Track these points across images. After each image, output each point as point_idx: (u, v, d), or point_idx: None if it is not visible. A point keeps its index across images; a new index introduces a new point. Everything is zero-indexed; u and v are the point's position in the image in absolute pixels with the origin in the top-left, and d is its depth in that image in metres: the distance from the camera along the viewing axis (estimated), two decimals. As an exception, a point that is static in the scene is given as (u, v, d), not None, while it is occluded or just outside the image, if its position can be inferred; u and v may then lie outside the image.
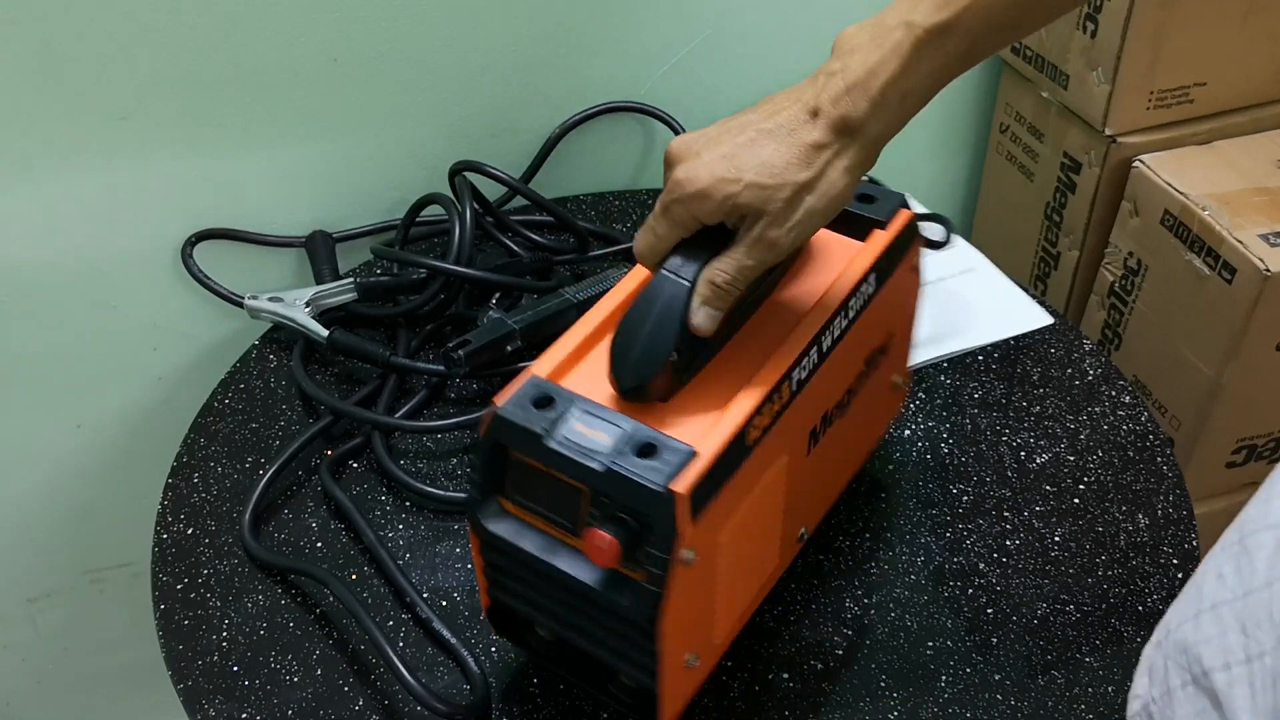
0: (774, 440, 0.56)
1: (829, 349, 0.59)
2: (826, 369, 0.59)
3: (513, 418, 0.53)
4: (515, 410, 0.53)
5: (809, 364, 0.58)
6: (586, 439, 0.52)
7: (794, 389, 0.57)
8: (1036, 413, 0.80)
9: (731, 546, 0.55)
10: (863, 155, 0.52)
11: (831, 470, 0.67)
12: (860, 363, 0.64)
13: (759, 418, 0.54)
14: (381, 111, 0.93)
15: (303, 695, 0.63)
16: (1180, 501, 0.74)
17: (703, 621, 0.56)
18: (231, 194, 0.92)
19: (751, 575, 0.61)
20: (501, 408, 0.53)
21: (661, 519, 0.50)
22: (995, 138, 1.14)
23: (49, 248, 0.89)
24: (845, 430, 0.65)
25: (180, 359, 0.98)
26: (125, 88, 0.84)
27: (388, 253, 0.89)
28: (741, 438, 0.53)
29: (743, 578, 0.59)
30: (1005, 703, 0.62)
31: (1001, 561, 0.70)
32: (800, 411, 0.58)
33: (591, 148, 1.01)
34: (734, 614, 0.60)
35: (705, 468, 0.51)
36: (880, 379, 0.68)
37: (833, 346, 0.59)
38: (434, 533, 0.73)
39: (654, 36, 0.97)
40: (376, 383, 0.82)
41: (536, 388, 0.54)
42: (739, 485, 0.54)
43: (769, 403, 0.55)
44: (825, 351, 0.59)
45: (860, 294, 0.61)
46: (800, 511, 0.64)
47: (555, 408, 0.53)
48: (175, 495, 0.76)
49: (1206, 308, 0.91)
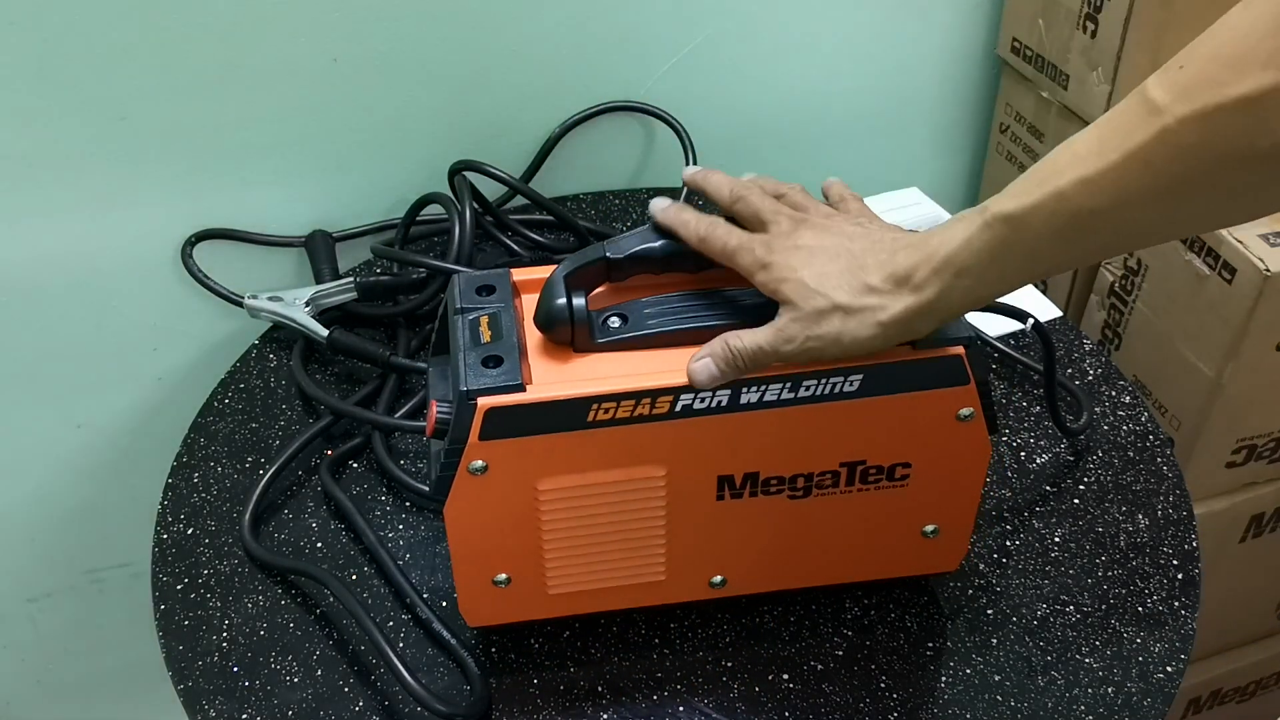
0: (636, 440, 0.57)
1: (749, 404, 0.57)
2: (744, 424, 0.58)
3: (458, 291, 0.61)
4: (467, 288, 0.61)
5: (712, 400, 0.57)
6: (481, 338, 0.58)
7: (677, 409, 0.57)
8: (1036, 413, 0.80)
9: (563, 507, 0.59)
10: (904, 316, 0.53)
11: (778, 546, 0.63)
12: (827, 459, 0.60)
13: (610, 404, 0.56)
14: (381, 111, 0.93)
15: (303, 696, 0.63)
16: (1180, 501, 0.74)
17: (516, 551, 0.60)
18: (231, 194, 0.92)
19: (608, 563, 0.62)
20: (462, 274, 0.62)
21: (460, 419, 0.55)
22: (995, 138, 1.14)
23: (49, 248, 0.89)
24: (808, 523, 0.62)
25: (180, 359, 0.98)
26: (125, 88, 0.84)
27: (388, 252, 0.89)
28: (581, 408, 0.56)
29: (592, 553, 0.61)
30: (1005, 703, 0.62)
31: (1001, 561, 0.70)
32: (691, 440, 0.58)
33: (591, 148, 1.01)
34: (575, 579, 0.62)
35: (518, 403, 0.55)
36: (890, 510, 0.62)
37: (758, 406, 0.57)
38: (434, 533, 0.73)
39: (654, 36, 0.97)
40: (376, 383, 0.82)
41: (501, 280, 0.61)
42: (572, 451, 0.57)
43: (632, 400, 0.56)
44: (740, 403, 0.57)
45: (827, 382, 0.57)
46: (715, 557, 0.63)
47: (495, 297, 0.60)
48: (175, 495, 0.76)
49: (1206, 308, 0.91)
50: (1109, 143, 0.46)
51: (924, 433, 0.60)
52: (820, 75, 1.05)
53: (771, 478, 0.60)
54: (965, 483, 0.63)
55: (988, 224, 0.50)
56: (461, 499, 0.58)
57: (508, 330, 0.58)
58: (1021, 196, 0.49)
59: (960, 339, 0.58)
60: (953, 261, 0.51)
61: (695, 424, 0.57)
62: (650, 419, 0.57)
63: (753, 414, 0.58)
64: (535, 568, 0.61)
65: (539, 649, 0.65)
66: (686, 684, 0.64)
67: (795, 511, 0.62)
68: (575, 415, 0.56)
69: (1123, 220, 0.46)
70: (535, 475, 0.58)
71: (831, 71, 1.04)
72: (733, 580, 0.64)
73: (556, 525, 0.60)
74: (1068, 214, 0.47)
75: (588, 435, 0.57)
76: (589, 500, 0.59)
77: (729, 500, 0.61)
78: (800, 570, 0.66)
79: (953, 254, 0.51)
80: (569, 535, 0.60)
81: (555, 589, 0.62)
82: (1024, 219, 0.48)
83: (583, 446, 0.57)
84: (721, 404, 0.57)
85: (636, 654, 0.65)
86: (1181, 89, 0.43)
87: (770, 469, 0.60)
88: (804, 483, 0.61)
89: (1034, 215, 0.48)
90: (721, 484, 0.60)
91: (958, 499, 0.63)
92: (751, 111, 1.04)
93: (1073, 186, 0.46)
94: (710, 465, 0.60)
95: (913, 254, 0.53)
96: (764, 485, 0.60)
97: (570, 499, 0.59)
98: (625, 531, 0.61)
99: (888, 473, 0.61)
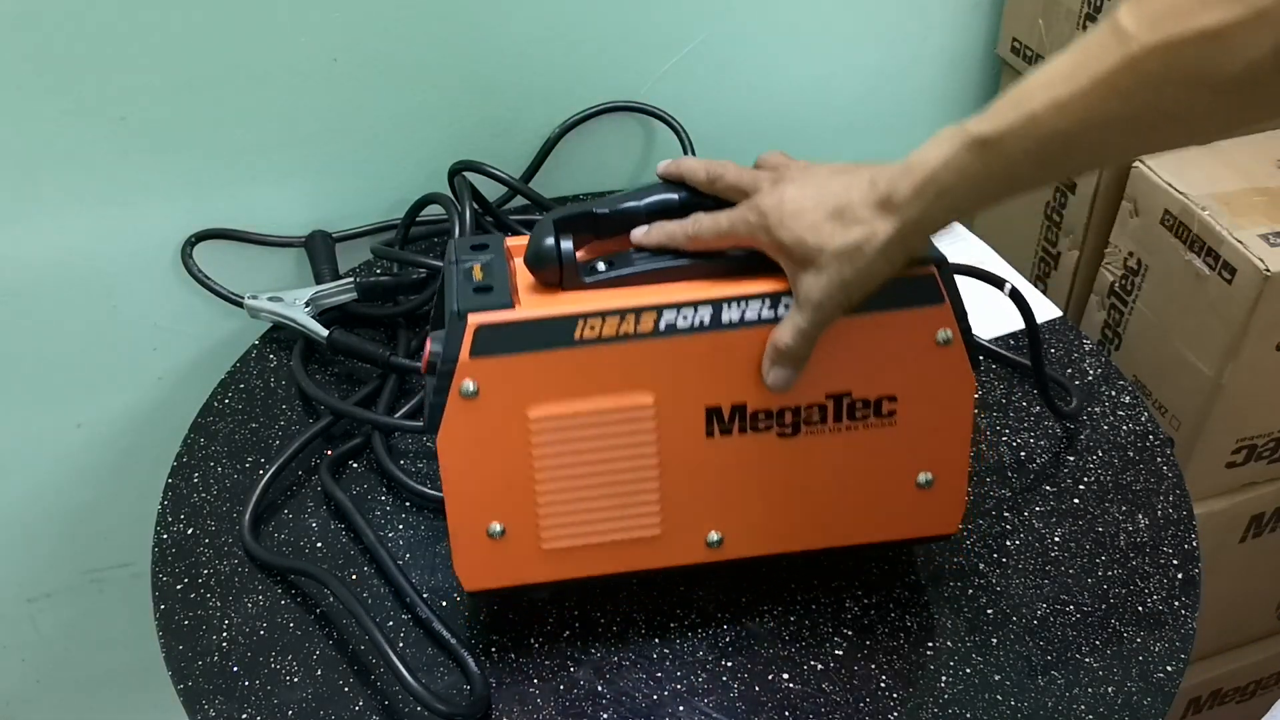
0: (622, 360, 0.59)
1: (731, 322, 0.59)
2: (727, 345, 0.59)
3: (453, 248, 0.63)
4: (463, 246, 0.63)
5: (695, 318, 0.59)
6: (474, 278, 0.60)
7: (661, 328, 0.59)
8: (1036, 413, 0.80)
9: (554, 440, 0.60)
10: (896, 238, 0.55)
11: (772, 496, 0.64)
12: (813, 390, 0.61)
13: (596, 320, 0.58)
14: (381, 111, 0.93)
15: (303, 695, 0.63)
16: (1180, 501, 0.74)
17: (509, 493, 0.61)
18: (231, 194, 0.92)
19: (602, 509, 0.62)
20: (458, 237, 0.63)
21: (451, 339, 0.58)
22: (995, 138, 1.14)
23: (49, 248, 0.89)
24: (801, 467, 0.63)
25: (180, 359, 0.98)
26: (125, 88, 0.84)
27: (388, 253, 0.89)
28: (568, 326, 0.58)
29: (585, 497, 0.61)
30: (1005, 703, 0.62)
31: (1001, 561, 0.70)
32: (675, 360, 0.59)
33: (591, 148, 1.01)
34: (569, 529, 0.62)
35: (509, 320, 0.58)
36: (881, 453, 0.63)
37: (740, 325, 0.59)
38: (434, 533, 0.73)
39: (654, 36, 0.97)
40: (376, 383, 0.82)
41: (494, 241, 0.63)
42: (560, 372, 0.59)
43: (618, 317, 0.58)
44: (723, 321, 0.59)
45: None
46: (710, 508, 0.63)
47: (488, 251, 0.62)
48: (175, 495, 0.76)
49: (1206, 308, 0.91)
50: (1080, 68, 0.47)
51: (905, 359, 0.61)
52: (820, 75, 1.05)
53: (759, 411, 0.61)
54: (953, 422, 0.63)
55: (966, 146, 0.51)
56: (454, 427, 0.59)
57: (500, 274, 0.60)
58: (997, 119, 0.50)
59: (931, 259, 0.60)
60: (934, 181, 0.53)
61: (680, 345, 0.59)
62: (636, 337, 0.59)
63: (735, 333, 0.59)
64: (529, 515, 0.61)
65: (539, 649, 0.66)
66: (686, 684, 0.64)
67: (786, 454, 0.62)
68: (563, 332, 0.58)
69: (1094, 142, 0.48)
70: (525, 401, 0.59)
71: (831, 71, 1.04)
72: (729, 538, 0.64)
73: (548, 460, 0.60)
74: (1041, 136, 0.49)
75: (575, 354, 0.58)
76: (580, 432, 0.60)
77: (719, 438, 0.61)
78: (797, 528, 0.65)
79: (933, 174, 0.53)
80: (561, 472, 0.61)
81: (550, 543, 0.62)
82: (999, 141, 0.50)
83: (571, 367, 0.59)
84: (704, 322, 0.59)
85: (636, 654, 0.65)
86: (1150, 18, 0.44)
87: (757, 401, 0.61)
88: (792, 418, 0.61)
89: (1009, 137, 0.50)
90: (710, 418, 0.61)
91: (948, 442, 0.64)
92: (751, 112, 1.04)
93: (1045, 110, 0.48)
94: (697, 393, 0.61)
95: (893, 178, 0.54)
96: (752, 420, 0.61)
97: (561, 430, 0.60)
98: (617, 471, 0.61)
99: (874, 407, 0.62)
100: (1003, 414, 0.80)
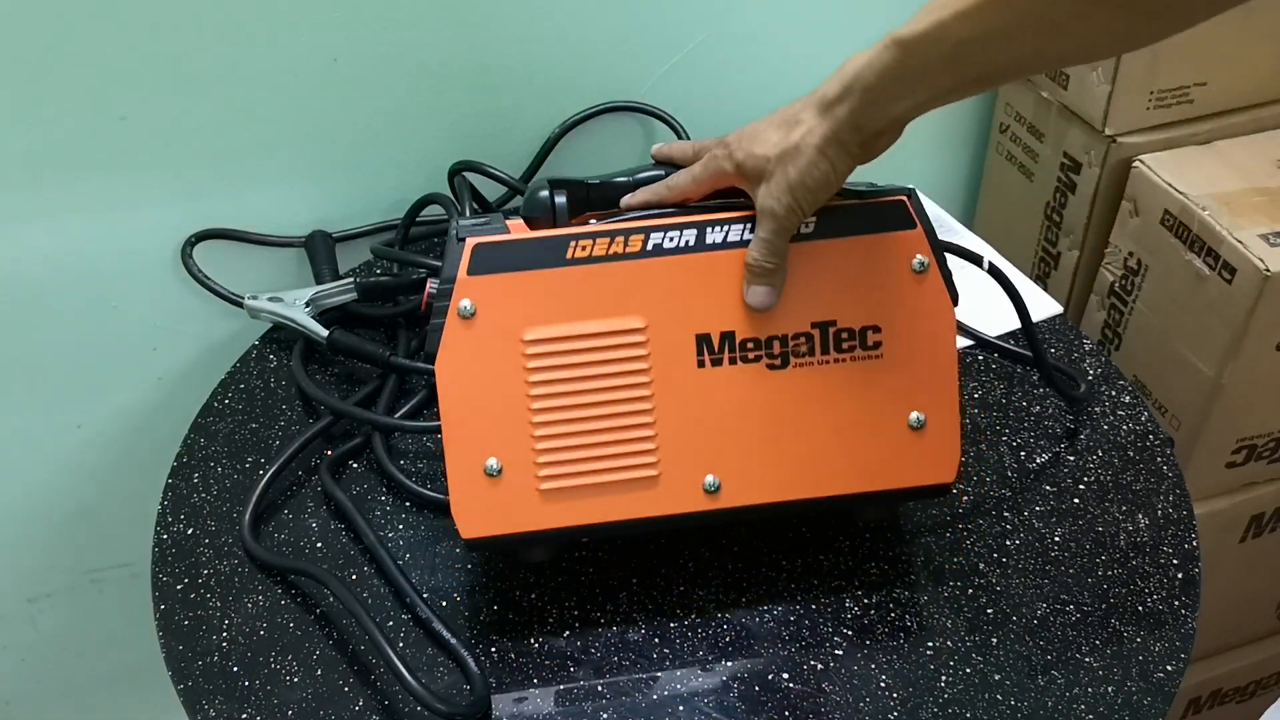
0: (612, 280, 0.62)
1: (715, 243, 0.63)
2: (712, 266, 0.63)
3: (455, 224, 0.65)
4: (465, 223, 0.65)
5: (681, 239, 0.63)
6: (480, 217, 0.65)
7: (648, 248, 0.63)
8: (1036, 413, 0.80)
9: (549, 361, 0.62)
10: (832, 134, 0.58)
11: (766, 435, 0.64)
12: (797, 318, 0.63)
13: (587, 241, 0.62)
14: (381, 111, 0.93)
15: (303, 695, 0.63)
16: (1180, 501, 0.74)
17: (506, 425, 0.62)
18: (231, 194, 0.92)
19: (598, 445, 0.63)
20: None
21: (450, 261, 0.62)
22: (995, 137, 1.14)
23: (49, 247, 0.89)
24: (792, 403, 0.64)
25: (180, 359, 0.98)
26: (125, 88, 0.84)
27: (388, 253, 0.89)
28: (561, 245, 0.62)
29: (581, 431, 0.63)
30: (1005, 703, 0.62)
31: (1001, 561, 0.70)
32: (663, 281, 0.63)
33: (591, 148, 1.01)
34: (566, 468, 0.63)
35: (504, 239, 0.62)
36: (870, 388, 0.64)
37: (723, 245, 0.63)
38: (434, 533, 0.73)
39: (654, 36, 0.97)
40: (376, 383, 0.82)
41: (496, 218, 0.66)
42: (554, 291, 0.62)
43: (607, 238, 0.62)
44: (707, 242, 0.63)
45: None
46: (702, 447, 0.64)
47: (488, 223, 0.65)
48: (175, 495, 0.76)
49: (1206, 308, 0.91)
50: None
51: (885, 286, 0.64)
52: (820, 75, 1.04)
53: (748, 339, 0.63)
54: (938, 355, 0.65)
55: (885, 47, 0.55)
56: (452, 349, 0.61)
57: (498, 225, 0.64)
58: (914, 24, 0.54)
59: (902, 190, 0.65)
60: (859, 80, 0.57)
61: (668, 265, 0.63)
62: (625, 257, 0.63)
63: (720, 254, 0.63)
64: (525, 450, 0.62)
65: (539, 649, 0.66)
66: (686, 684, 0.64)
67: (777, 388, 0.64)
68: (555, 251, 0.62)
69: (995, 50, 0.52)
70: (521, 322, 0.62)
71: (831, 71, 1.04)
72: (727, 484, 0.64)
73: (544, 388, 0.62)
74: (949, 43, 0.53)
75: (568, 273, 0.62)
76: (574, 357, 0.62)
77: (710, 368, 0.63)
78: (794, 474, 0.65)
79: (858, 73, 0.57)
80: (557, 401, 0.62)
81: (547, 483, 0.63)
82: (914, 44, 0.54)
83: (564, 286, 0.62)
84: (689, 243, 0.63)
85: (636, 654, 0.65)
86: None
87: (745, 329, 0.63)
88: (780, 347, 0.64)
89: (922, 41, 0.54)
90: (701, 346, 0.63)
91: (936, 378, 0.65)
92: (751, 112, 1.03)
93: (952, 18, 0.52)
94: (687, 318, 0.63)
95: (830, 81, 0.59)
96: (741, 349, 0.63)
97: (556, 354, 0.62)
98: (612, 402, 0.63)
99: (860, 338, 0.64)
100: (1003, 414, 0.80)
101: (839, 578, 0.69)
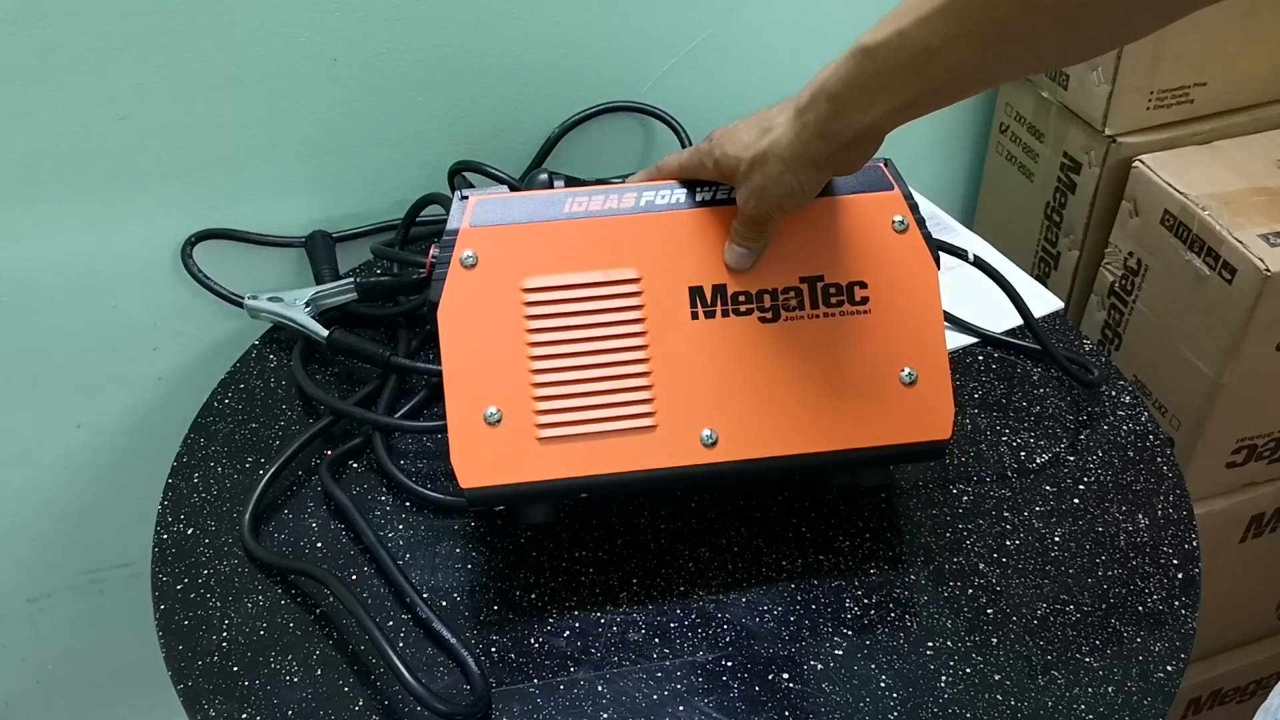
0: (607, 232, 0.66)
1: (703, 200, 0.67)
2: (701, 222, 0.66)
3: None
4: None
5: (671, 197, 0.67)
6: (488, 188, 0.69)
7: (641, 204, 0.66)
8: (1036, 413, 0.80)
9: (547, 309, 0.64)
10: (799, 142, 0.59)
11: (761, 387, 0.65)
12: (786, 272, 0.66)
13: (583, 197, 0.66)
14: (381, 111, 0.93)
15: (303, 695, 0.63)
16: (1180, 501, 0.74)
17: (505, 372, 0.64)
18: (231, 193, 0.92)
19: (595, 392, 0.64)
20: None
21: (454, 216, 0.65)
22: (995, 137, 1.14)
23: (49, 248, 0.89)
24: (785, 355, 0.65)
25: (180, 359, 0.98)
26: (125, 88, 0.84)
27: (388, 253, 0.89)
28: (559, 200, 0.66)
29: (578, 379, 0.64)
30: (1005, 703, 0.62)
31: (1001, 561, 0.70)
32: (656, 235, 0.66)
33: (591, 148, 1.01)
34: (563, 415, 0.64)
35: (505, 195, 0.66)
36: (860, 341, 0.66)
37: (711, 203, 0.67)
38: (434, 533, 0.73)
39: (654, 36, 0.97)
40: (376, 383, 0.82)
41: None
42: (552, 242, 0.65)
43: (603, 195, 0.66)
44: (695, 200, 0.67)
45: None
46: (698, 398, 0.65)
47: None
48: (175, 495, 0.76)
49: (1206, 308, 0.91)
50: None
51: (869, 243, 0.67)
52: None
53: (739, 292, 0.66)
54: (924, 311, 0.67)
55: (851, 54, 0.55)
56: (454, 297, 0.64)
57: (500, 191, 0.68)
58: (876, 31, 0.54)
59: (879, 159, 0.68)
60: (825, 88, 0.57)
61: (660, 220, 0.66)
62: (619, 211, 0.66)
63: (708, 211, 0.66)
64: (524, 397, 0.64)
65: (539, 649, 0.66)
66: (686, 684, 0.64)
67: (770, 340, 0.65)
68: (553, 205, 0.66)
69: (955, 57, 0.52)
70: (520, 271, 0.64)
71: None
72: (723, 437, 0.64)
73: (542, 335, 0.64)
74: (910, 50, 0.53)
75: (565, 225, 0.65)
76: (571, 306, 0.64)
77: (703, 320, 0.65)
78: (789, 428, 0.65)
79: (824, 81, 0.57)
80: (555, 349, 0.64)
81: (546, 431, 0.63)
82: (876, 51, 0.54)
83: (561, 237, 0.65)
84: (680, 200, 0.67)
85: (636, 654, 0.65)
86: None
87: (736, 283, 0.66)
88: (770, 300, 0.66)
89: (883, 49, 0.54)
90: (694, 298, 0.65)
91: (923, 334, 0.67)
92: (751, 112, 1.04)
93: (912, 25, 0.52)
94: (679, 270, 0.66)
95: (805, 88, 0.59)
96: (733, 301, 0.66)
97: (553, 302, 0.64)
98: (609, 351, 0.64)
99: (848, 294, 0.66)
100: (1003, 414, 0.80)
101: (839, 578, 0.69)
